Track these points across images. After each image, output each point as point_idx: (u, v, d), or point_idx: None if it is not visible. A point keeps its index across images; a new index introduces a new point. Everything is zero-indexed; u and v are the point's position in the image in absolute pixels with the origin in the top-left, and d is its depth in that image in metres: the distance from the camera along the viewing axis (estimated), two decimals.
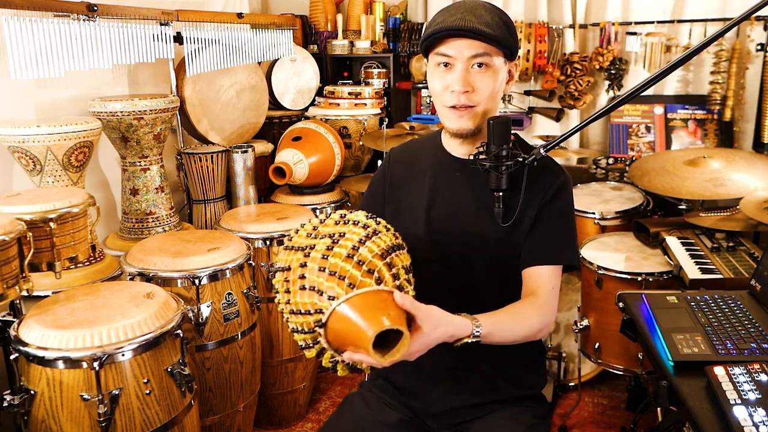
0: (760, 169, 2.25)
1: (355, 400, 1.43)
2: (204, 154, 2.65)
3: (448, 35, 1.24)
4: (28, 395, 1.48)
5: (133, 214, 2.41)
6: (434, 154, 1.43)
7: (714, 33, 1.23)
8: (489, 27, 1.22)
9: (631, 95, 1.22)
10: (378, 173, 1.52)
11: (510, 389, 1.38)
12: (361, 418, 1.37)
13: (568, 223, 1.34)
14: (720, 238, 2.08)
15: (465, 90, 1.25)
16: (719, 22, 2.91)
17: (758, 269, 1.48)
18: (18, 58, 1.87)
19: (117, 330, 1.49)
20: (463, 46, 1.24)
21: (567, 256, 1.31)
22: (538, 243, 1.30)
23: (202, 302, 1.94)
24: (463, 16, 1.22)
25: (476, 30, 1.21)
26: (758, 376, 1.07)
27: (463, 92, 1.25)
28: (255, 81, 2.96)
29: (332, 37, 3.57)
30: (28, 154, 1.98)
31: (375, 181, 1.52)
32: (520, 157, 1.23)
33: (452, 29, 1.22)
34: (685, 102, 3.09)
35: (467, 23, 1.21)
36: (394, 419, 1.37)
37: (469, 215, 1.35)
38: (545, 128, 3.39)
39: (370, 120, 3.18)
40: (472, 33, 1.21)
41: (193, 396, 1.71)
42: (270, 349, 2.38)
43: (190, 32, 2.49)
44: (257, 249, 2.31)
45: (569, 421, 2.44)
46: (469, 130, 1.30)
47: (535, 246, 1.30)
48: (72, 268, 1.90)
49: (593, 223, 2.57)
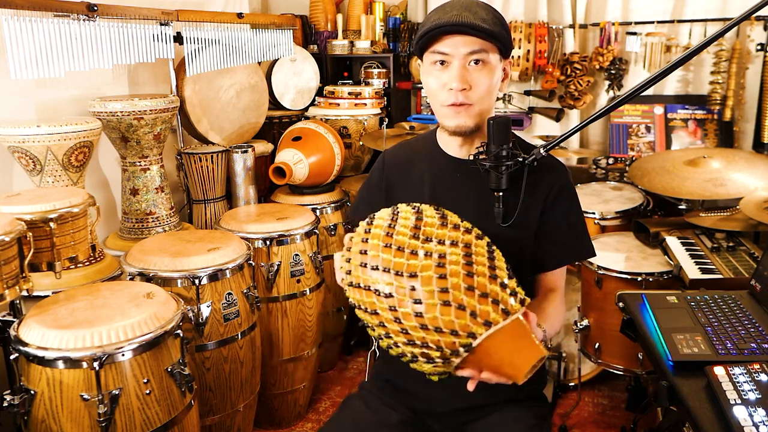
0: (760, 169, 2.25)
1: (356, 400, 1.43)
2: (204, 154, 2.65)
3: (445, 32, 1.23)
4: (28, 395, 1.48)
5: (133, 214, 2.41)
6: (431, 155, 1.42)
7: (714, 33, 1.22)
8: (485, 23, 1.22)
9: (631, 95, 1.22)
10: (373, 176, 1.51)
11: (511, 390, 1.38)
12: (362, 418, 1.37)
13: (578, 218, 1.39)
14: (720, 238, 2.08)
15: (463, 87, 1.24)
16: (719, 22, 2.91)
17: (758, 269, 1.48)
18: (18, 58, 1.86)
19: (117, 330, 1.49)
20: (459, 43, 1.24)
21: (585, 251, 1.40)
22: (556, 245, 1.36)
23: (202, 302, 1.94)
24: (459, 13, 1.22)
25: (473, 25, 1.21)
26: (758, 376, 1.07)
27: (461, 90, 1.25)
28: (255, 81, 2.96)
29: (332, 37, 3.57)
30: (28, 154, 1.98)
31: (371, 184, 1.51)
32: (520, 157, 1.23)
33: (449, 25, 1.22)
34: (685, 102, 3.09)
35: (464, 19, 1.21)
36: (394, 420, 1.36)
37: (471, 216, 1.35)
38: (545, 128, 3.38)
39: (370, 120, 3.18)
40: (469, 28, 1.21)
41: (193, 396, 1.71)
42: (270, 349, 2.38)
43: (190, 32, 2.49)
44: (257, 249, 2.31)
45: (569, 421, 2.44)
46: (468, 128, 1.30)
47: (554, 249, 1.36)
48: (72, 268, 1.90)
49: (593, 223, 2.57)
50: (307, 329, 2.45)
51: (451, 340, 0.98)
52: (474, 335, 0.97)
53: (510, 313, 1.00)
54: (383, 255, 1.03)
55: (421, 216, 1.09)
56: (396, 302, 1.00)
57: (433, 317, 0.97)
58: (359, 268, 1.05)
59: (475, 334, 0.97)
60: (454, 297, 0.97)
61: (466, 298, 0.98)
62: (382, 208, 1.15)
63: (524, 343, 1.00)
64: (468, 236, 1.07)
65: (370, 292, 1.03)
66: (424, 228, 1.06)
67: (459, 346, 0.98)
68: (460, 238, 1.05)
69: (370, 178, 1.53)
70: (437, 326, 0.97)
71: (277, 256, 2.34)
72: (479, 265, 1.02)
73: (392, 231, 1.06)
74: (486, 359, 1.00)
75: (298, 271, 2.38)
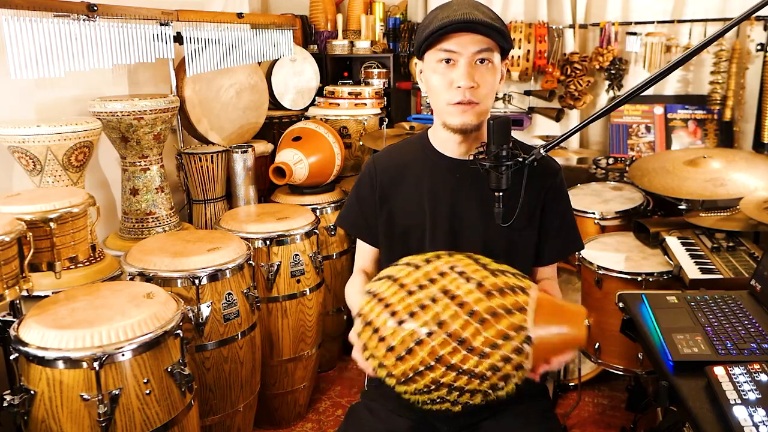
0: (760, 169, 2.25)
1: (361, 411, 1.40)
2: (204, 154, 2.65)
3: (455, 29, 1.23)
4: (28, 395, 1.48)
5: (133, 214, 2.41)
6: (425, 157, 1.41)
7: (714, 33, 1.22)
8: (495, 21, 1.24)
9: (631, 95, 1.22)
10: (363, 182, 1.48)
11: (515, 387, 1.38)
12: (370, 428, 1.34)
13: (570, 215, 1.45)
14: (720, 238, 2.08)
15: (471, 85, 1.25)
16: (719, 22, 2.91)
17: (758, 269, 1.48)
18: (18, 58, 1.86)
19: (117, 330, 1.49)
20: (467, 41, 1.24)
21: (576, 245, 1.47)
22: (552, 243, 1.42)
23: (202, 302, 1.94)
24: (468, 11, 1.23)
25: (485, 23, 1.22)
26: (758, 376, 1.07)
27: (469, 87, 1.25)
28: (255, 81, 2.96)
29: (332, 37, 3.57)
30: (28, 154, 1.98)
31: (361, 189, 1.48)
32: (520, 157, 1.24)
33: (461, 22, 1.22)
34: (685, 102, 3.09)
35: (474, 17, 1.22)
36: (404, 427, 1.33)
37: (473, 216, 1.35)
38: (545, 128, 3.38)
39: (370, 120, 3.18)
40: (480, 26, 1.22)
41: (193, 396, 1.71)
42: (270, 349, 2.38)
43: (190, 32, 2.49)
44: (257, 249, 2.31)
45: (569, 421, 2.44)
46: (472, 126, 1.30)
47: (550, 246, 1.42)
48: (72, 268, 1.90)
49: (593, 223, 2.57)
50: (307, 329, 2.45)
51: (510, 345, 0.97)
52: (523, 327, 0.98)
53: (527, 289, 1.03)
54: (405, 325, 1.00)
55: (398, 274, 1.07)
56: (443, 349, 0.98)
57: (483, 339, 0.97)
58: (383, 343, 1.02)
59: (523, 326, 0.98)
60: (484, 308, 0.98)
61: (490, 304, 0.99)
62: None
63: (562, 305, 1.05)
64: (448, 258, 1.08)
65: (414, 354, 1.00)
66: (407, 282, 1.04)
67: (521, 343, 0.98)
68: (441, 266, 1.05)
69: (359, 187, 1.49)
70: (492, 343, 0.97)
71: (277, 256, 2.34)
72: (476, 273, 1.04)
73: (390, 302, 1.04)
74: (547, 341, 1.01)
75: (298, 271, 2.38)
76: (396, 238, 1.43)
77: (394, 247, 1.43)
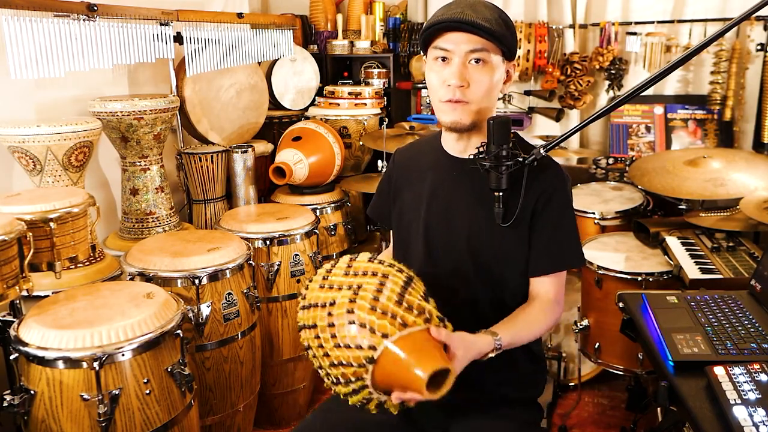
0: (760, 169, 2.25)
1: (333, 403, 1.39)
2: (204, 154, 2.65)
3: (447, 28, 1.24)
4: (28, 395, 1.48)
5: (133, 214, 2.41)
6: (434, 153, 1.43)
7: (714, 33, 1.23)
8: (488, 22, 1.22)
9: (631, 95, 1.23)
10: (385, 174, 1.57)
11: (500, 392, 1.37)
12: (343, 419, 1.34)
13: (567, 225, 1.34)
14: (720, 238, 2.08)
15: (460, 84, 1.25)
16: (719, 22, 2.91)
17: (758, 269, 1.48)
18: (18, 58, 1.86)
19: (117, 330, 1.49)
20: (460, 40, 1.24)
21: (570, 260, 1.35)
22: (541, 252, 1.32)
23: (202, 302, 1.94)
24: (462, 10, 1.23)
25: (474, 23, 1.21)
26: (758, 376, 1.07)
27: (459, 87, 1.25)
28: (255, 81, 2.96)
29: (332, 37, 3.57)
30: (28, 154, 1.98)
31: (382, 182, 1.56)
32: (520, 157, 1.24)
33: (451, 21, 1.23)
34: (685, 102, 3.09)
35: (466, 17, 1.22)
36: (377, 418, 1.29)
37: (462, 213, 1.35)
38: (545, 128, 3.38)
39: (370, 120, 3.18)
40: (469, 26, 1.22)
41: (193, 396, 1.71)
42: (270, 349, 2.38)
43: (190, 32, 2.49)
44: (257, 249, 2.31)
45: (569, 421, 2.44)
46: (463, 125, 1.30)
47: (539, 256, 1.32)
48: (72, 268, 1.90)
49: (593, 223, 2.57)
50: None
51: (356, 354, 1.05)
52: (374, 347, 1.04)
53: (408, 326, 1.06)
54: (315, 293, 1.15)
55: (354, 258, 1.20)
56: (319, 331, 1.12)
57: (343, 335, 1.07)
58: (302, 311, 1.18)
59: (376, 347, 1.04)
60: (358, 317, 1.06)
61: (368, 317, 1.06)
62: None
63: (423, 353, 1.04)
64: (389, 269, 1.14)
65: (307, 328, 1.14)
66: (354, 266, 1.16)
67: (363, 359, 1.04)
68: (381, 270, 1.13)
69: (382, 179, 1.57)
70: (346, 343, 1.06)
71: (277, 256, 2.33)
72: (390, 291, 1.09)
73: (328, 274, 1.17)
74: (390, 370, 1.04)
75: (298, 271, 2.38)
76: (402, 230, 1.47)
77: (401, 239, 1.47)
